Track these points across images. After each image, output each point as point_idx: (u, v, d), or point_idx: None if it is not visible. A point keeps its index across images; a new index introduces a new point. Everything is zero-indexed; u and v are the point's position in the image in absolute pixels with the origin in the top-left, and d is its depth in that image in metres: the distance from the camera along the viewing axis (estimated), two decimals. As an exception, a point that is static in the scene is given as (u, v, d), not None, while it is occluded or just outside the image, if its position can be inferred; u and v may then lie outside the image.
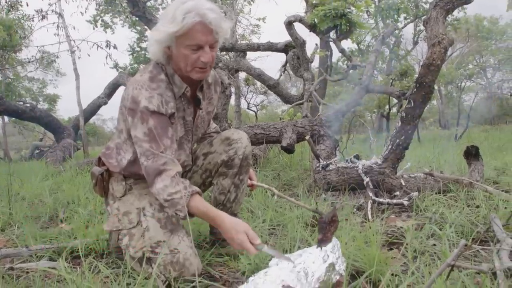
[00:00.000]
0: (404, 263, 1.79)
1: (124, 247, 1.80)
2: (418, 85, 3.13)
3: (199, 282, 1.68)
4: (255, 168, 4.45)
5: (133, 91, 1.70)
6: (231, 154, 2.01)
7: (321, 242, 1.58)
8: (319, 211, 1.63)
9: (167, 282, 1.67)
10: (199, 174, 2.10)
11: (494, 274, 1.51)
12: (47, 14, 10.11)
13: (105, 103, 10.30)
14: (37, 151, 11.65)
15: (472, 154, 3.32)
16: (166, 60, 1.79)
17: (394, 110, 12.11)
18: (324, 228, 1.58)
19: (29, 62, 12.81)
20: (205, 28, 1.66)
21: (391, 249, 2.03)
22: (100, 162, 1.98)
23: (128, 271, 1.73)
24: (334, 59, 15.06)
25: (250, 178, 2.14)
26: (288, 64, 6.76)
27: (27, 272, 1.91)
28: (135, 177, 1.90)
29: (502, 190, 2.96)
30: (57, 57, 11.48)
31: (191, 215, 1.69)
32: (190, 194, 1.66)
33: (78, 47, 9.98)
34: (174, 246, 1.71)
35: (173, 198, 1.65)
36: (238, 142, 2.01)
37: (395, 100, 10.18)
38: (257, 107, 17.34)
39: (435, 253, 1.89)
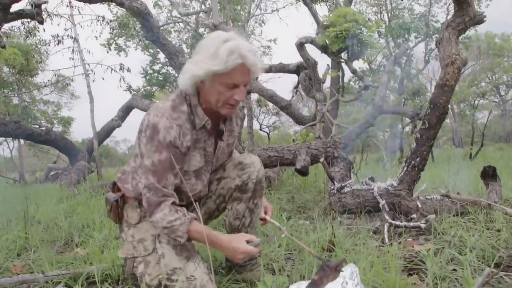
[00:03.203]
0: (425, 289, 1.75)
1: (139, 274, 1.79)
2: (432, 106, 3.12)
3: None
4: (269, 190, 4.43)
5: (153, 117, 1.71)
6: (245, 178, 2.00)
7: (313, 285, 1.54)
8: (323, 258, 1.60)
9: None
10: (213, 199, 2.09)
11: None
12: (62, 38, 10.33)
13: (119, 126, 10.39)
14: (52, 174, 11.76)
15: (489, 174, 3.27)
16: (193, 91, 1.80)
17: (407, 129, 12.05)
18: (325, 272, 1.54)
19: (45, 86, 13.05)
20: (245, 69, 1.69)
21: (411, 274, 1.99)
22: (114, 188, 1.99)
23: (145, 299, 1.72)
24: (345, 79, 15.10)
25: (266, 212, 2.11)
26: (300, 85, 6.78)
27: (44, 299, 1.91)
28: None
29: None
30: (72, 80, 11.68)
31: (189, 239, 1.75)
32: (190, 221, 1.72)
33: (92, 71, 10.15)
34: (190, 273, 1.70)
35: (173, 225, 1.70)
36: (251, 166, 2.01)
37: (407, 119, 10.12)
38: (270, 128, 17.34)
39: (456, 279, 1.84)
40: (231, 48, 1.64)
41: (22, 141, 14.82)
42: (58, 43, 10.39)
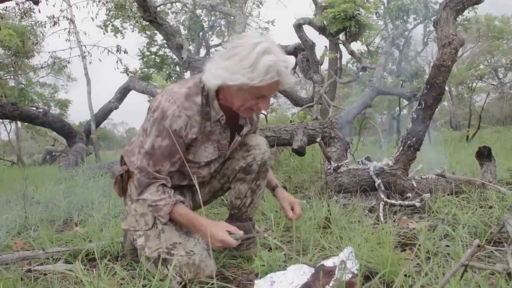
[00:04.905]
0: (418, 264, 1.79)
1: (139, 247, 1.84)
2: (428, 86, 3.13)
3: (213, 284, 1.70)
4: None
5: (165, 102, 1.69)
6: (249, 160, 1.99)
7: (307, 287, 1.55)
8: (314, 265, 1.64)
9: (182, 283, 1.70)
10: (217, 179, 2.10)
11: (509, 274, 1.51)
12: (58, 20, 10.24)
13: (116, 108, 10.36)
14: (49, 156, 11.78)
15: (484, 155, 3.30)
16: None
17: (404, 111, 12.06)
18: (318, 275, 1.56)
19: (41, 67, 12.97)
20: (278, 83, 1.67)
21: (404, 250, 2.03)
22: (122, 161, 2.01)
23: (144, 273, 1.76)
24: (343, 61, 15.03)
25: (293, 208, 2.08)
26: (297, 67, 6.76)
27: (45, 274, 1.94)
28: None
29: (515, 191, 2.94)
30: (69, 62, 11.56)
31: (171, 220, 1.78)
32: (174, 203, 1.75)
33: (89, 52, 10.11)
34: (190, 248, 1.74)
35: (157, 205, 1.74)
36: (256, 148, 1.99)
37: (405, 102, 10.12)
38: (267, 110, 17.34)
39: (448, 254, 1.88)
40: (270, 64, 1.59)
41: (19, 123, 14.81)
42: (54, 25, 10.30)
